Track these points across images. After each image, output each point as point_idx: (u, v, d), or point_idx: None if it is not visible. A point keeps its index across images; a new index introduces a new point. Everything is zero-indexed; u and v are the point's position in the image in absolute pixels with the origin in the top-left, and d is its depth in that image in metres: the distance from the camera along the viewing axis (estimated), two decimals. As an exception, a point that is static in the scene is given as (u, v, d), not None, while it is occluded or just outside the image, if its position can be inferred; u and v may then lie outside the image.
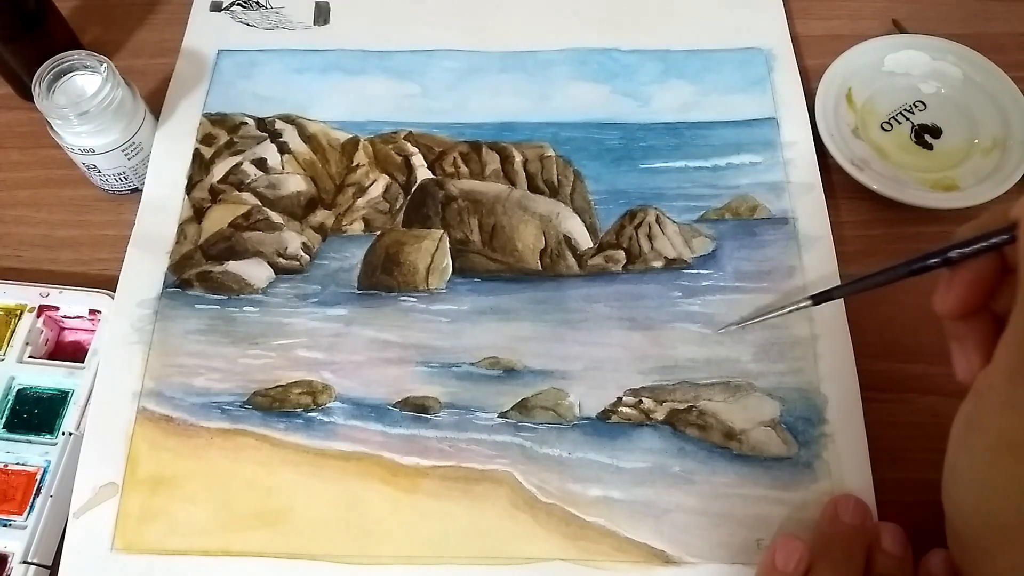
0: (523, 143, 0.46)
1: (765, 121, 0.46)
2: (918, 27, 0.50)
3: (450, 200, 0.45)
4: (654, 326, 0.41)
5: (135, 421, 0.38)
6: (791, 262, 0.42)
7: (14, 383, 0.40)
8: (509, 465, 0.37)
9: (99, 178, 0.45)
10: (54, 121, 0.41)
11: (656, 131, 0.46)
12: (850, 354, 0.39)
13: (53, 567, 0.36)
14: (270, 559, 0.36)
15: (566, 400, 0.39)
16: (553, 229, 0.44)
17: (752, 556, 0.35)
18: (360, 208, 0.45)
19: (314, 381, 0.40)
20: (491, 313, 0.41)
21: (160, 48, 0.51)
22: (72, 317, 0.42)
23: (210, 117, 0.47)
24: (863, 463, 0.37)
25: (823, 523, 0.34)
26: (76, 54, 0.42)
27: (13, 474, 0.37)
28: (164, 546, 0.36)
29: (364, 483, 0.37)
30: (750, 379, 0.39)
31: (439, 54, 0.50)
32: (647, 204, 0.44)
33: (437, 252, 0.43)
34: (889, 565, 0.32)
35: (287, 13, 0.52)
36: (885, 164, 0.44)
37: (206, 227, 0.44)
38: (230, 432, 0.38)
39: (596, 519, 0.36)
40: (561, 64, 0.49)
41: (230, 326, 0.41)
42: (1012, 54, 0.48)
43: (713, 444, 0.38)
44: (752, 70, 0.48)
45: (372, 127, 0.47)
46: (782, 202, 0.44)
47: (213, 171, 0.46)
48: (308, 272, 0.43)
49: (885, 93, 0.47)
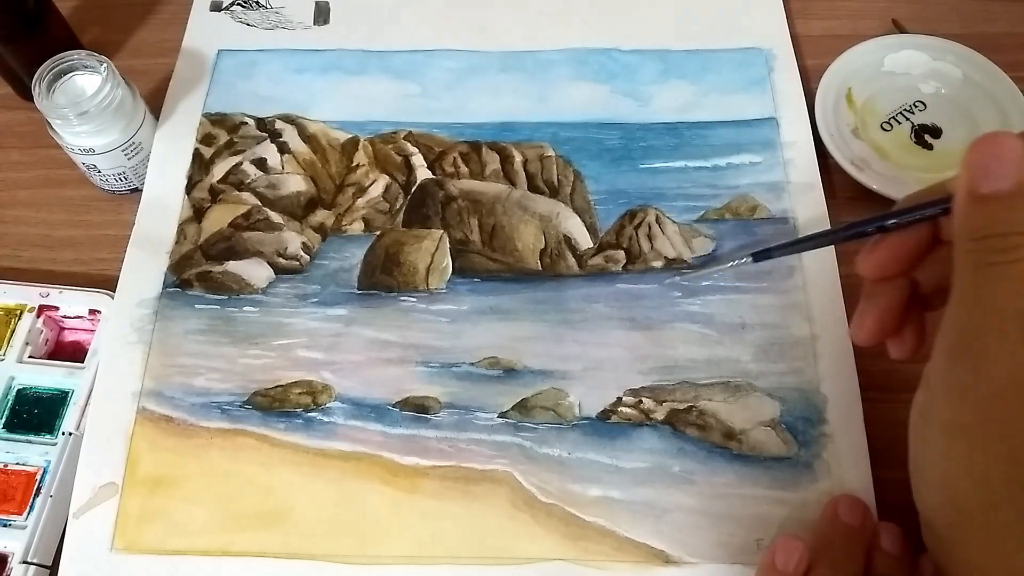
0: (523, 143, 0.46)
1: (765, 121, 0.46)
2: (918, 27, 0.50)
3: (450, 200, 0.45)
4: (654, 326, 0.41)
5: (135, 421, 0.38)
6: (791, 262, 0.42)
7: (14, 383, 0.40)
8: (509, 465, 0.37)
9: (99, 178, 0.45)
10: (54, 121, 0.41)
11: (656, 131, 0.46)
12: (850, 354, 0.39)
13: (53, 567, 0.36)
14: (270, 559, 0.36)
15: (566, 400, 0.39)
16: (553, 229, 0.44)
17: (752, 556, 0.35)
18: (360, 208, 0.45)
19: (314, 381, 0.40)
20: (491, 313, 0.41)
21: (160, 48, 0.51)
22: (72, 317, 0.42)
23: (210, 117, 0.47)
24: (863, 463, 0.37)
25: (823, 523, 0.34)
26: (76, 54, 0.42)
27: (13, 474, 0.37)
28: (164, 546, 0.36)
29: (364, 483, 0.37)
30: (750, 379, 0.39)
31: (439, 54, 0.50)
32: (647, 204, 0.44)
33: (437, 252, 0.43)
34: (888, 565, 0.32)
35: (287, 13, 0.52)
36: (885, 164, 0.44)
37: (206, 227, 0.44)
38: (230, 432, 0.38)
39: (596, 519, 0.36)
40: (561, 64, 0.49)
41: (230, 326, 0.41)
42: (1012, 54, 0.48)
43: (713, 444, 0.38)
44: (752, 70, 0.48)
45: (372, 127, 0.47)
46: (782, 202, 0.44)
47: (213, 171, 0.46)
48: (308, 272, 0.43)
49: (885, 93, 0.47)
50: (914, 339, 0.32)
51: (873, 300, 0.32)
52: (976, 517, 0.27)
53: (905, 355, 0.32)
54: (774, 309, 0.41)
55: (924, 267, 0.31)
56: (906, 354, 0.32)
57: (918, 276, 0.31)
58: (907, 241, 0.30)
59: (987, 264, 0.25)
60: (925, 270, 0.31)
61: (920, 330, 0.32)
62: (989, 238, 0.25)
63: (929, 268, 0.31)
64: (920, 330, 0.32)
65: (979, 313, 0.25)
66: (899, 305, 0.31)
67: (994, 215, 0.25)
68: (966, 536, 0.27)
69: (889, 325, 0.31)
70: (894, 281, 0.31)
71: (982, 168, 0.25)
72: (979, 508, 0.26)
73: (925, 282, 0.31)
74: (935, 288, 0.31)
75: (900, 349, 0.32)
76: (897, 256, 0.30)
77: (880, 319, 0.31)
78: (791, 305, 0.41)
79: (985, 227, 0.25)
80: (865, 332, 0.32)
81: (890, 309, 0.31)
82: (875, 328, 0.32)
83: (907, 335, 0.32)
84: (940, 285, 0.31)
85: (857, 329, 0.32)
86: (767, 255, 0.37)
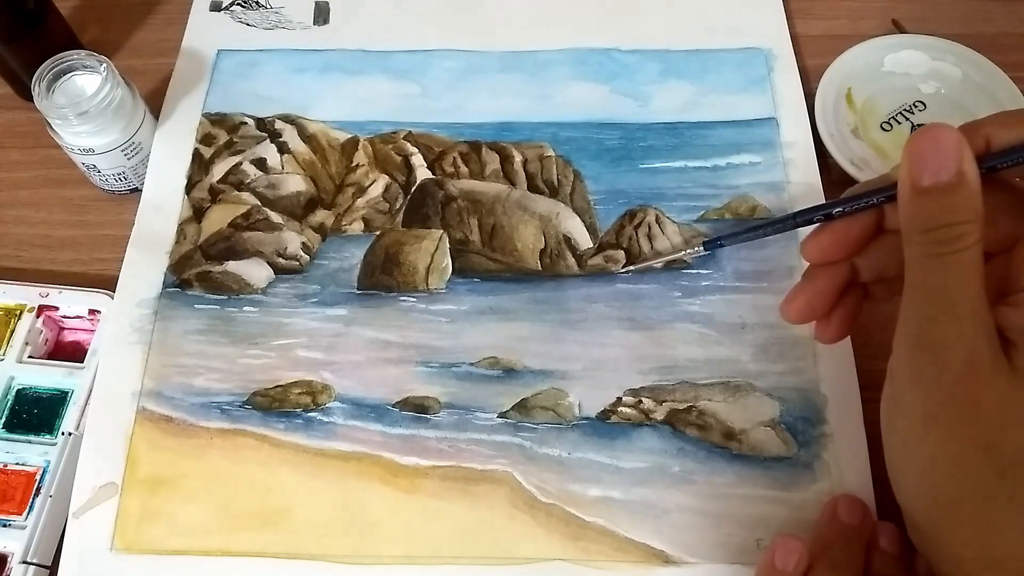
0: (523, 143, 0.46)
1: (765, 121, 0.46)
2: (918, 27, 0.50)
3: (450, 200, 0.45)
4: (654, 326, 0.41)
5: (135, 421, 0.38)
6: (791, 262, 0.42)
7: (14, 383, 0.40)
8: (509, 465, 0.37)
9: (99, 178, 0.45)
10: (54, 121, 0.41)
11: (656, 131, 0.46)
12: (850, 354, 0.39)
13: (53, 567, 0.36)
14: (270, 559, 0.36)
15: (566, 400, 0.39)
16: (553, 229, 0.44)
17: (752, 556, 0.35)
18: (360, 208, 0.45)
19: (314, 381, 0.40)
20: (491, 313, 0.41)
21: (160, 48, 0.51)
22: (72, 317, 0.42)
23: (210, 117, 0.47)
24: (863, 463, 0.37)
25: (822, 523, 0.34)
26: (76, 54, 0.42)
27: (13, 474, 0.37)
28: (164, 546, 0.36)
29: (364, 483, 0.37)
30: (750, 379, 0.39)
31: (439, 54, 0.50)
32: (647, 204, 0.44)
33: (437, 252, 0.43)
34: (888, 565, 0.32)
35: (287, 13, 0.52)
36: (885, 164, 0.44)
37: (206, 227, 0.44)
38: (230, 432, 0.38)
39: (596, 519, 0.36)
40: (561, 64, 0.49)
41: (230, 326, 0.41)
42: (1012, 54, 0.48)
43: (713, 444, 0.38)
44: (752, 70, 0.48)
45: (372, 127, 0.47)
46: (782, 202, 0.44)
47: (213, 171, 0.46)
48: (308, 272, 0.43)
49: (885, 93, 0.47)
50: (840, 325, 0.32)
51: (809, 281, 0.32)
52: (954, 507, 0.27)
53: (828, 339, 0.33)
54: (774, 309, 0.40)
55: (866, 255, 0.31)
56: (829, 338, 0.32)
57: (859, 264, 0.32)
58: (851, 228, 0.30)
59: (935, 255, 0.25)
60: (867, 258, 0.31)
61: (849, 317, 0.32)
62: (935, 230, 0.25)
63: (871, 256, 0.31)
64: (849, 317, 0.32)
65: (932, 303, 0.26)
66: (833, 289, 0.32)
67: (938, 206, 0.25)
68: (947, 527, 0.28)
69: (819, 307, 0.32)
70: (834, 266, 0.32)
71: (922, 161, 0.25)
72: (956, 497, 0.27)
73: (866, 270, 0.32)
74: (876, 277, 0.32)
75: (825, 332, 0.33)
76: (840, 241, 0.31)
77: (810, 300, 0.32)
78: (791, 305, 0.41)
79: (930, 219, 0.25)
80: (794, 309, 0.32)
81: (823, 292, 0.32)
82: (804, 307, 0.32)
83: (834, 319, 0.32)
84: (882, 274, 0.31)
85: (787, 304, 0.33)
86: (718, 243, 0.37)
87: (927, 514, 0.28)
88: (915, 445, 0.27)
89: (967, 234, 0.25)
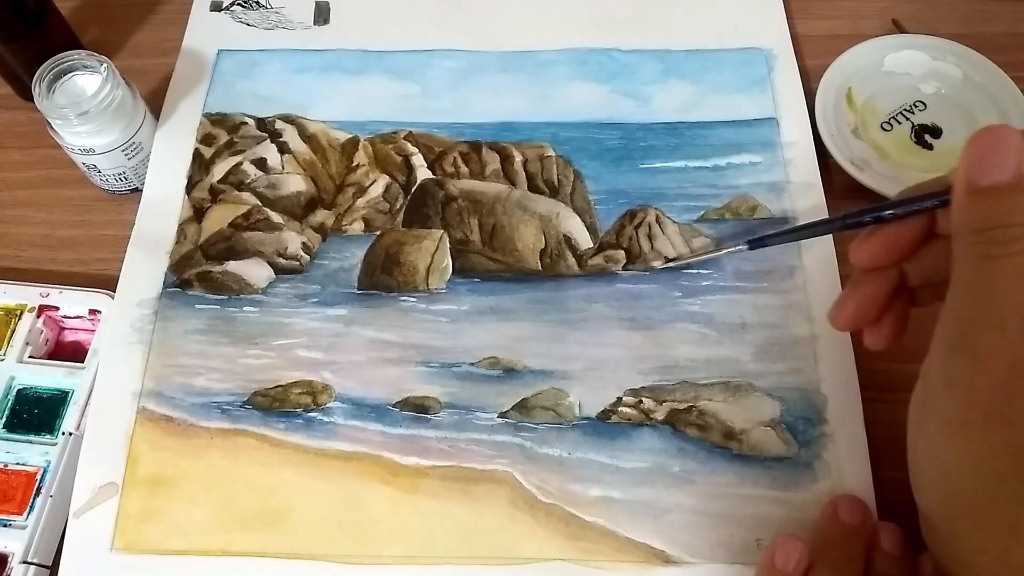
0: (523, 143, 0.46)
1: (765, 121, 0.46)
2: (918, 27, 0.50)
3: (450, 200, 0.45)
4: (654, 326, 0.41)
5: (135, 421, 0.38)
6: (791, 262, 0.42)
7: (14, 383, 0.40)
8: (509, 465, 0.37)
9: (99, 178, 0.45)
10: (54, 121, 0.41)
11: (656, 131, 0.46)
12: (850, 354, 0.39)
13: (53, 567, 0.36)
14: (270, 559, 0.36)
15: (566, 400, 0.39)
16: (553, 229, 0.44)
17: (752, 556, 0.35)
18: (360, 208, 0.45)
19: (314, 381, 0.40)
20: (491, 313, 0.41)
21: (160, 48, 0.51)
22: (72, 317, 0.42)
23: (210, 117, 0.47)
24: (863, 463, 0.37)
25: (823, 523, 0.34)
26: (76, 54, 0.42)
27: (13, 474, 0.37)
28: (164, 546, 0.36)
29: (364, 483, 0.37)
30: (750, 379, 0.39)
31: (439, 54, 0.50)
32: (647, 204, 0.44)
33: (437, 252, 0.43)
34: (888, 565, 0.32)
35: (287, 13, 0.52)
36: (885, 164, 0.44)
37: (206, 227, 0.44)
38: (230, 432, 0.38)
39: (596, 519, 0.36)
40: (561, 64, 0.49)
41: (230, 326, 0.41)
42: (1012, 54, 0.48)
43: (713, 444, 0.38)
44: (752, 70, 0.48)
45: (372, 127, 0.47)
46: (782, 202, 0.44)
47: (213, 171, 0.46)
48: (308, 272, 0.43)
49: (885, 93, 0.47)
50: (891, 331, 0.32)
51: (858, 287, 0.32)
52: (976, 512, 0.27)
53: (880, 345, 0.32)
54: (774, 309, 0.41)
55: (915, 260, 0.31)
56: (881, 344, 0.32)
57: (908, 269, 0.31)
58: (902, 232, 0.30)
59: (987, 257, 0.25)
60: (916, 263, 0.31)
61: (899, 323, 0.32)
62: (989, 230, 0.25)
63: (921, 261, 0.31)
64: (899, 323, 0.32)
65: (978, 306, 0.25)
66: (883, 295, 0.31)
67: (994, 207, 0.25)
68: (966, 531, 0.27)
69: (869, 314, 0.32)
70: (883, 271, 0.31)
71: (982, 160, 0.25)
72: (979, 502, 0.26)
73: (914, 275, 0.31)
74: (924, 282, 0.31)
75: (876, 339, 0.32)
76: (891, 247, 0.30)
77: (861, 306, 0.32)
78: (791, 305, 0.41)
79: (985, 219, 0.25)
80: (844, 317, 0.32)
81: (873, 298, 0.31)
82: (854, 314, 0.32)
83: (885, 326, 0.32)
84: (930, 279, 0.31)
85: (836, 311, 0.32)
86: (763, 243, 0.37)
87: (946, 516, 0.28)
88: (942, 448, 0.27)
89: (1021, 237, 0.24)
